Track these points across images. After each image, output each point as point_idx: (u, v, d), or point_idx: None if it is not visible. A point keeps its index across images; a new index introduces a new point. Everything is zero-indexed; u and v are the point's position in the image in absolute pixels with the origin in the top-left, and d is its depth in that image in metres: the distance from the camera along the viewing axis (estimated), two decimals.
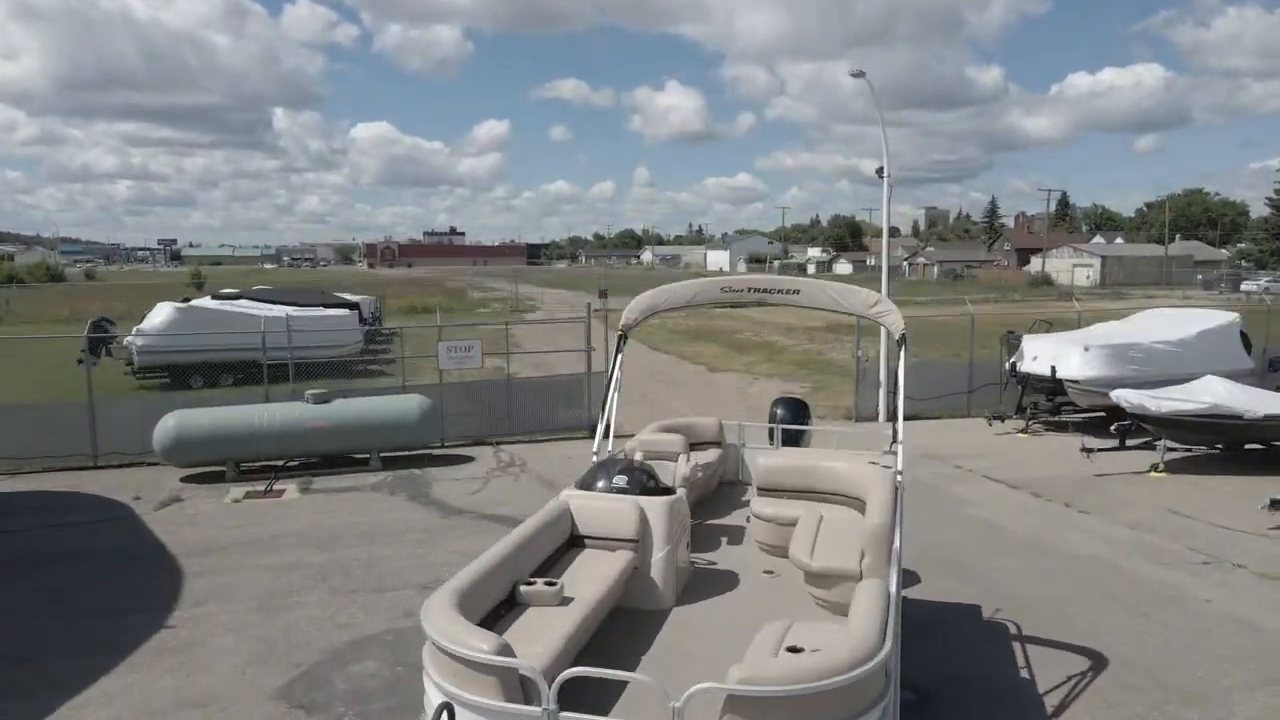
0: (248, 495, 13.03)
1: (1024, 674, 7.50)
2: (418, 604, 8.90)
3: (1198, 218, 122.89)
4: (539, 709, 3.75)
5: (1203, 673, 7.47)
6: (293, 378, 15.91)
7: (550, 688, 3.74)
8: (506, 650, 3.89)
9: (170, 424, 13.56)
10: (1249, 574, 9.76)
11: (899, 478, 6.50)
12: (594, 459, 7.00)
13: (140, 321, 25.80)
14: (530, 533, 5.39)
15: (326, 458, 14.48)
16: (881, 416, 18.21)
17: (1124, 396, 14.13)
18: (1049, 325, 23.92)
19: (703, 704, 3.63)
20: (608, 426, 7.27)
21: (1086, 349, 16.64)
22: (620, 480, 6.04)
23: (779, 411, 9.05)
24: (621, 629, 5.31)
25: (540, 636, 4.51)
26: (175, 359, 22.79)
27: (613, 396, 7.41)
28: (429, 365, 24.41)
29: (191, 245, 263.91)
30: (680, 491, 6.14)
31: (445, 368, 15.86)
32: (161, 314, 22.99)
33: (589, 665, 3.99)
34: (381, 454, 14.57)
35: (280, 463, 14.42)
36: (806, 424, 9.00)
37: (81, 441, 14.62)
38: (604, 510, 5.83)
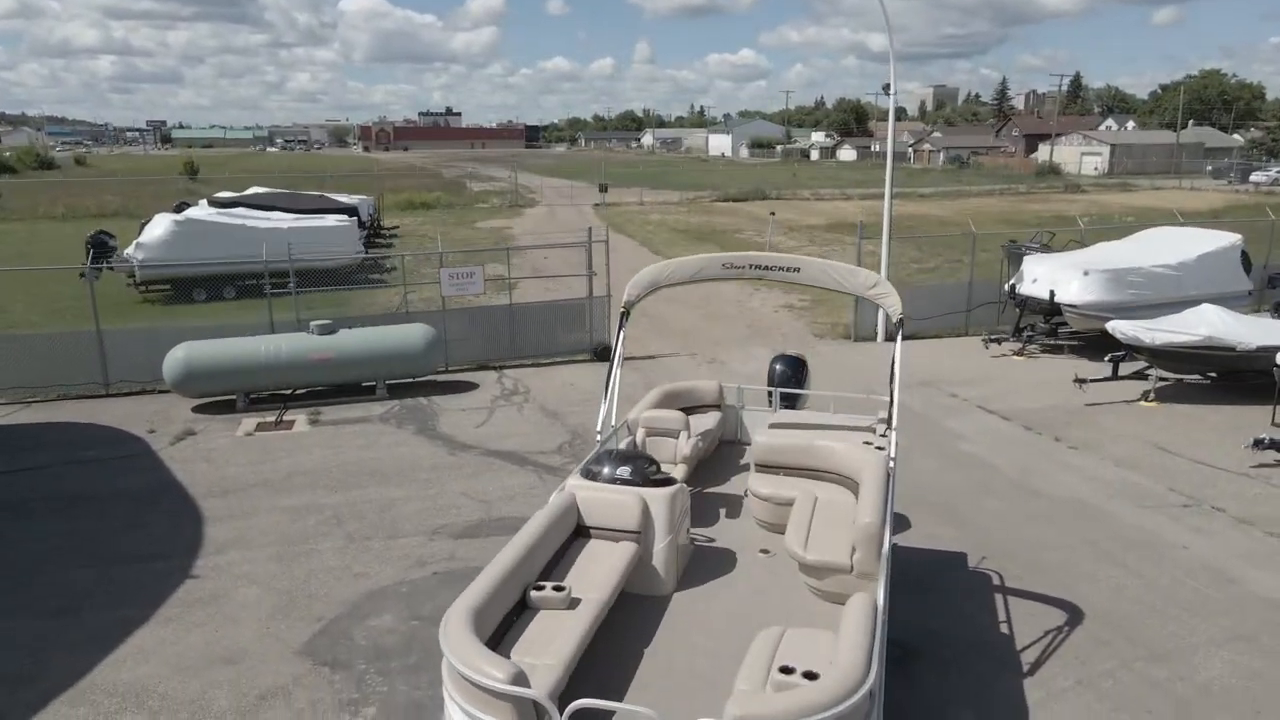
0: (259, 427, 13.37)
1: (1003, 629, 7.95)
2: (428, 552, 9.38)
3: (1213, 101, 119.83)
4: None
5: (1173, 628, 7.93)
6: (295, 290, 15.98)
7: (563, 716, 4.08)
8: (521, 679, 4.21)
9: (179, 356, 13.79)
10: (1227, 519, 10.16)
11: (892, 463, 6.76)
12: (598, 438, 7.24)
13: (136, 224, 25.74)
14: (539, 532, 5.67)
15: (334, 386, 14.77)
16: (879, 337, 18.45)
17: (1119, 328, 14.30)
18: (1051, 235, 23.79)
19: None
20: (611, 404, 7.47)
21: (1086, 273, 16.68)
22: (623, 471, 6.29)
23: (778, 368, 9.25)
24: (626, 619, 5.66)
25: (551, 645, 4.84)
26: (176, 272, 22.83)
27: (616, 373, 7.59)
28: (430, 273, 24.50)
29: (181, 126, 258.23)
30: (681, 482, 6.40)
31: (448, 294, 15.95)
32: (160, 227, 22.86)
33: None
34: (387, 381, 14.85)
35: (289, 391, 14.72)
36: (805, 381, 9.22)
37: (93, 370, 14.88)
38: (608, 502, 6.11)
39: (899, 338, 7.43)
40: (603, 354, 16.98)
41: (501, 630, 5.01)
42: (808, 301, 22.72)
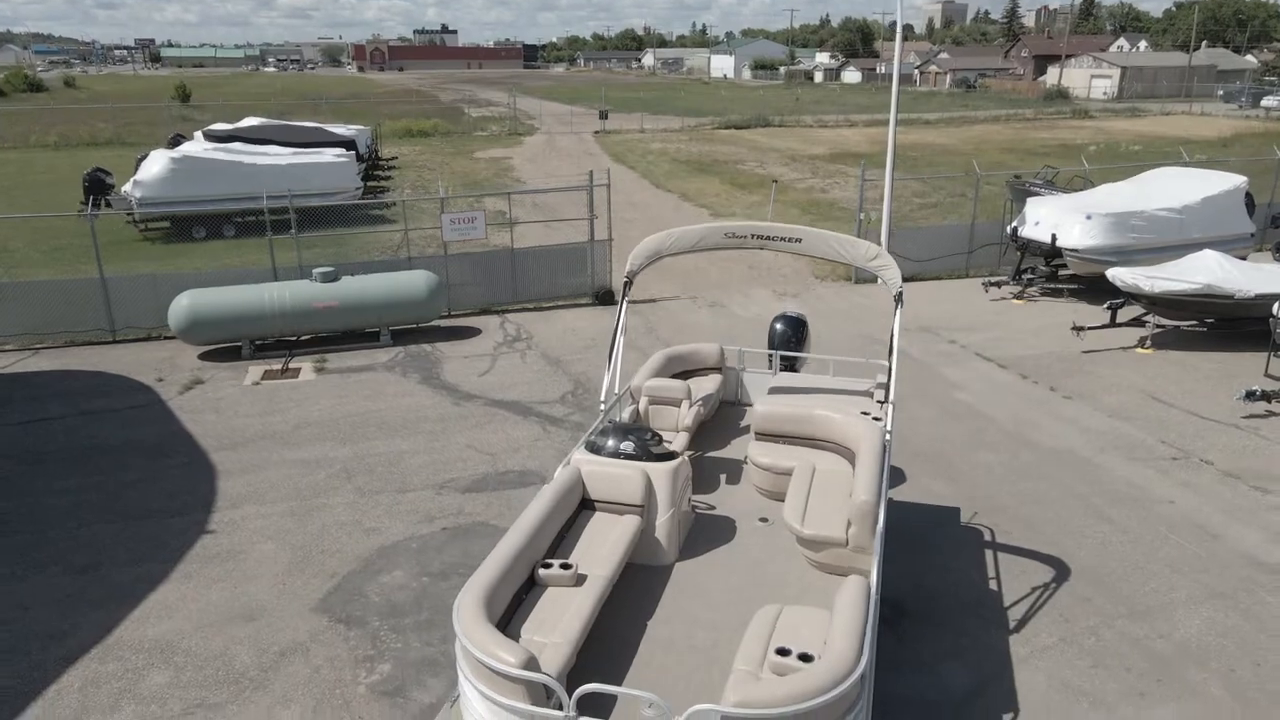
0: (265, 375, 13.57)
1: (992, 585, 8.27)
2: (436, 506, 9.67)
3: (1227, 20, 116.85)
4: (561, 714, 4.38)
5: (1154, 585, 8.25)
6: (295, 229, 15.98)
7: (571, 699, 4.35)
8: (532, 664, 4.47)
9: (183, 305, 13.90)
10: (1214, 472, 10.43)
11: (888, 436, 6.95)
12: (602, 408, 7.43)
13: (130, 153, 25.51)
14: (547, 509, 5.89)
15: (338, 333, 14.91)
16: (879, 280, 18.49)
17: (1118, 276, 14.37)
18: (1055, 170, 23.61)
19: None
20: (614, 374, 7.63)
21: (1089, 217, 16.65)
22: (627, 446, 6.49)
23: (778, 328, 9.39)
24: (629, 590, 5.93)
25: (559, 624, 5.11)
26: (175, 209, 22.74)
27: (619, 343, 7.73)
28: (430, 207, 24.39)
29: (170, 45, 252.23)
30: (683, 456, 6.60)
31: (449, 239, 15.95)
32: (157, 165, 22.66)
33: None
34: (391, 328, 15.00)
35: (294, 338, 14.87)
36: (805, 341, 9.35)
37: (99, 316, 15.01)
38: (612, 477, 6.32)
39: (898, 312, 7.54)
40: (604, 298, 17.08)
41: (512, 608, 5.27)
42: None
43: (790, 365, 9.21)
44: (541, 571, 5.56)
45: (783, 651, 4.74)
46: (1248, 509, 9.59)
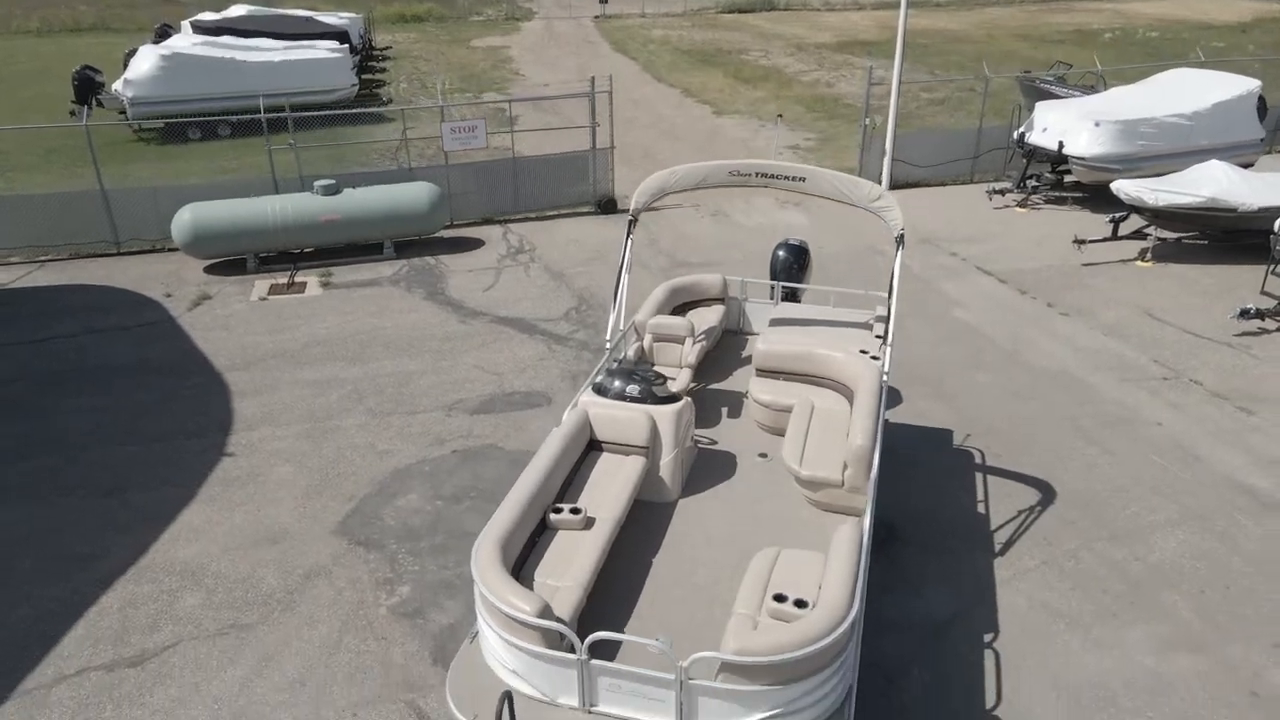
0: (272, 290, 13.70)
1: (980, 509, 8.66)
2: (446, 429, 10.01)
3: None
4: (575, 656, 4.75)
5: (1135, 508, 8.63)
6: (293, 134, 15.82)
7: (583, 644, 4.72)
8: (546, 612, 4.81)
9: (186, 219, 13.90)
10: (1203, 393, 10.70)
11: (885, 377, 7.17)
12: (607, 346, 7.62)
13: (115, 40, 24.83)
14: (557, 453, 6.16)
15: (342, 246, 14.96)
16: (884, 185, 18.39)
17: (1122, 188, 14.30)
18: (1069, 66, 23.05)
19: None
20: (619, 313, 7.78)
21: (1097, 124, 16.41)
22: (633, 389, 6.72)
23: (781, 255, 9.48)
24: (635, 528, 6.27)
25: (570, 568, 5.45)
26: (168, 109, 22.32)
27: (624, 281, 7.85)
28: (429, 113, 23.96)
29: None
30: (686, 398, 6.83)
31: (449, 149, 15.79)
32: (147, 62, 22.13)
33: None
34: (394, 241, 15.03)
35: (298, 250, 14.93)
36: (807, 268, 9.47)
37: (102, 228, 15.01)
38: (618, 420, 6.57)
39: (899, 253, 7.64)
40: (606, 207, 17.02)
41: (525, 552, 5.61)
42: (813, 142, 22.36)
43: (792, 294, 9.35)
44: (553, 516, 5.87)
45: (779, 598, 5.09)
46: (1232, 431, 9.90)
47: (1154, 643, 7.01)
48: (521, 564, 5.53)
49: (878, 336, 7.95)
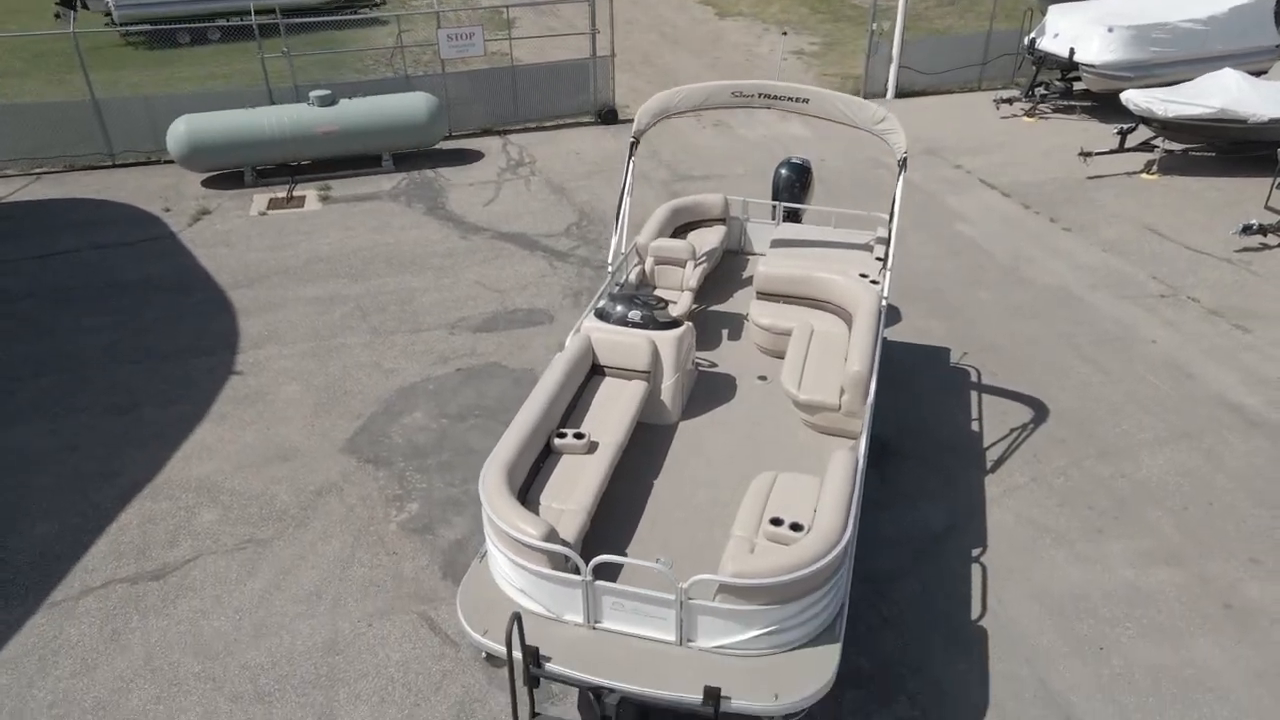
0: (271, 205, 13.63)
1: (974, 426, 8.85)
2: (449, 347, 10.16)
3: None
4: (579, 578, 4.98)
5: (1125, 426, 8.82)
6: (290, 54, 15.53)
7: (587, 566, 4.94)
8: (552, 535, 5.03)
9: (181, 131, 13.72)
10: (1199, 310, 10.79)
11: (884, 301, 7.24)
12: (609, 269, 7.67)
13: None
14: (561, 379, 6.30)
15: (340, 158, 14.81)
16: (889, 93, 18.07)
17: (1132, 99, 14.07)
18: None
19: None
20: (620, 237, 7.80)
21: (1110, 30, 16.01)
22: (634, 315, 6.81)
23: (783, 173, 9.43)
24: (637, 450, 6.46)
25: (574, 492, 5.65)
26: (154, 12, 21.73)
27: (626, 203, 7.84)
28: (424, 17, 23.30)
29: None
30: (687, 323, 6.93)
31: (447, 56, 15.45)
32: None
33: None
34: (392, 152, 14.87)
35: (296, 163, 14.78)
36: (809, 188, 9.44)
37: (97, 139, 14.84)
38: (620, 345, 6.69)
39: (901, 177, 7.60)
40: (607, 117, 16.75)
41: (531, 477, 5.80)
42: (818, 47, 21.81)
43: (794, 214, 9.34)
44: (557, 441, 6.05)
45: (776, 521, 5.30)
46: (1226, 349, 10.03)
47: (1135, 557, 7.29)
48: (527, 488, 5.73)
49: (878, 259, 7.99)
